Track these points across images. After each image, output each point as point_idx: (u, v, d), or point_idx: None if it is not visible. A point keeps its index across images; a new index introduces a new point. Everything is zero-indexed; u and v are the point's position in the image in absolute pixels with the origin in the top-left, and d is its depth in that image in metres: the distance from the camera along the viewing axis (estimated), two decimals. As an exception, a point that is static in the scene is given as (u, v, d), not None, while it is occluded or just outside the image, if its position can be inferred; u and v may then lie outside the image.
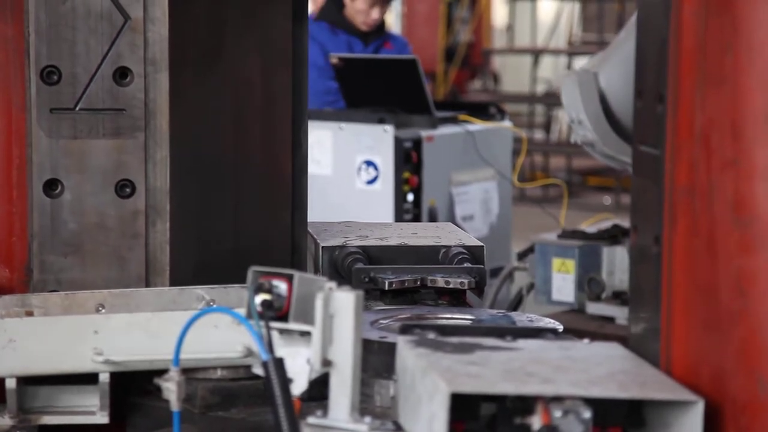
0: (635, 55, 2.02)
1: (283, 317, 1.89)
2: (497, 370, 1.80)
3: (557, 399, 1.71)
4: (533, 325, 2.35)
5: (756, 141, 1.69)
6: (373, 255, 2.70)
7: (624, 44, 4.46)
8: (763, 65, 1.68)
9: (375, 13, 7.23)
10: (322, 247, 2.70)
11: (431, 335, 1.97)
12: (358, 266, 2.64)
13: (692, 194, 1.79)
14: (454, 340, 1.95)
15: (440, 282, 2.61)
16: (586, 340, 2.02)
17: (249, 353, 2.11)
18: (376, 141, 6.20)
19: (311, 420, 1.90)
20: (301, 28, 2.80)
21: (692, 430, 1.72)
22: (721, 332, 1.73)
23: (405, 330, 2.01)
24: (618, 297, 4.89)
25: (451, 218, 6.32)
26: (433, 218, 6.23)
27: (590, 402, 1.71)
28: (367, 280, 2.60)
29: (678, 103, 1.82)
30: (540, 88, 17.12)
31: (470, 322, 2.41)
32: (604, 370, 1.84)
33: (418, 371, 1.82)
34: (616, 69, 4.51)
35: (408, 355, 1.89)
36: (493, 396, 1.77)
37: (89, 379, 2.16)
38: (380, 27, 7.46)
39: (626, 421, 1.78)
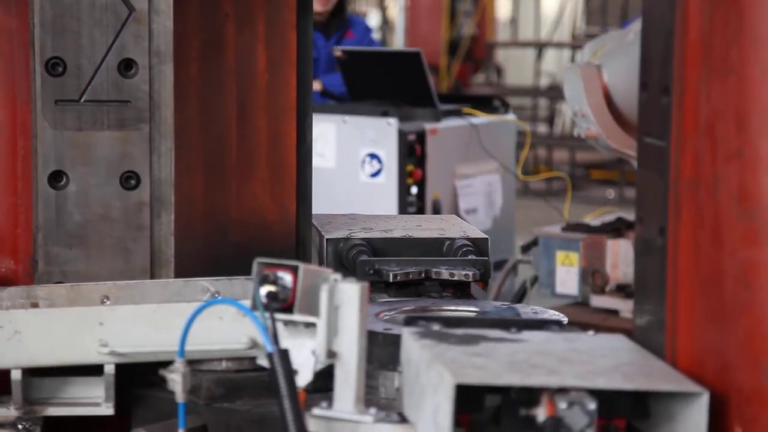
0: (640, 47, 2.01)
1: (288, 309, 1.89)
2: (502, 362, 1.80)
3: (562, 390, 1.71)
4: (538, 317, 2.35)
5: (761, 132, 1.69)
6: (378, 247, 2.70)
7: (634, 42, 4.45)
8: (769, 57, 1.68)
9: None
10: (327, 239, 2.70)
11: (436, 327, 1.97)
12: (362, 258, 2.64)
13: (697, 186, 1.79)
14: (459, 331, 1.95)
15: (445, 274, 2.61)
16: (591, 332, 2.02)
17: (254, 345, 2.11)
18: (380, 134, 6.20)
19: (316, 411, 1.90)
20: (306, 19, 2.80)
21: (697, 421, 1.72)
22: (726, 323, 1.73)
23: (410, 322, 2.01)
24: (622, 290, 4.89)
25: (455, 211, 6.32)
26: (436, 211, 6.23)
27: (595, 393, 1.71)
28: (371, 272, 2.61)
29: (683, 94, 1.82)
30: (543, 82, 17.11)
31: (475, 314, 2.41)
32: (609, 361, 1.84)
33: (423, 363, 1.82)
34: (622, 64, 4.50)
35: (413, 346, 1.89)
36: (498, 388, 1.77)
37: (94, 370, 2.16)
38: (339, 14, 7.28)
39: (631, 413, 1.78)
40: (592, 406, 1.69)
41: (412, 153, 6.19)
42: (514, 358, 1.83)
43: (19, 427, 2.16)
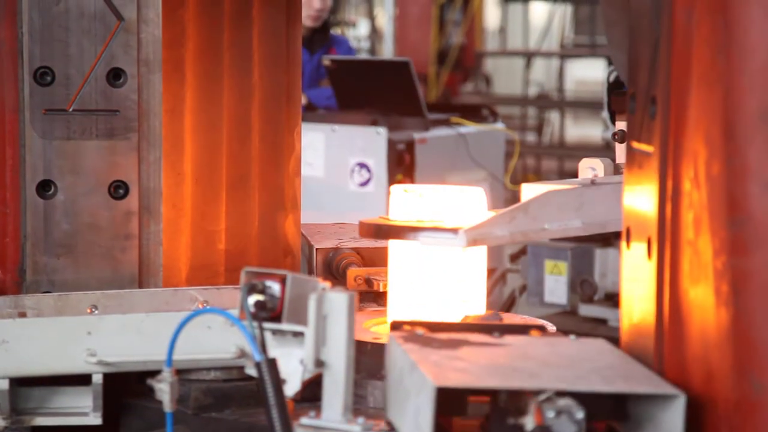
0: (628, 56, 2.02)
1: (277, 318, 1.89)
2: (484, 366, 1.82)
3: (550, 399, 1.71)
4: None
5: (749, 141, 1.69)
6: (367, 256, 2.69)
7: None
8: (756, 65, 1.69)
9: (316, 3, 7.11)
10: (316, 248, 2.70)
11: (420, 331, 1.98)
12: (352, 268, 2.63)
13: (685, 194, 1.79)
14: (443, 336, 1.96)
15: None
16: (572, 337, 2.04)
17: (242, 354, 2.11)
18: (369, 143, 6.20)
19: (304, 421, 1.90)
20: (295, 29, 2.80)
21: (674, 423, 1.74)
22: (714, 332, 1.73)
23: (395, 327, 2.02)
24: (610, 299, 4.90)
25: (444, 220, 6.31)
26: (425, 221, 6.22)
27: (576, 396, 1.72)
28: (361, 281, 2.60)
29: (670, 103, 1.83)
30: (532, 91, 17.12)
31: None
32: (589, 365, 1.85)
33: (407, 366, 1.84)
34: None
35: (397, 350, 1.91)
36: (486, 395, 1.78)
37: (82, 380, 2.16)
38: (323, 31, 7.33)
39: (611, 415, 1.79)
40: (580, 414, 1.69)
41: (401, 162, 6.20)
42: (495, 362, 1.84)
43: (7, 436, 2.15)
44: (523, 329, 2.07)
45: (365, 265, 2.67)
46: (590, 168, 2.62)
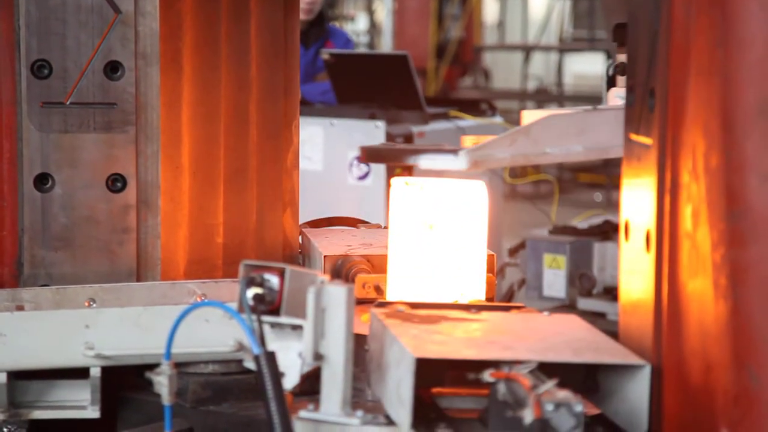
0: (627, 49, 2.02)
1: (275, 311, 1.89)
2: (461, 339, 1.91)
3: (549, 392, 1.72)
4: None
5: (747, 133, 1.69)
6: (377, 263, 2.63)
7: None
8: (754, 58, 1.69)
9: None
10: (325, 255, 2.64)
11: (401, 308, 2.07)
12: (361, 275, 2.58)
13: (684, 187, 1.79)
14: (423, 312, 2.06)
15: None
16: (546, 312, 2.14)
17: (240, 347, 2.11)
18: (368, 136, 6.19)
19: (303, 414, 1.90)
20: (292, 22, 2.80)
21: (640, 393, 1.82)
22: (712, 325, 1.73)
23: (379, 305, 2.11)
24: (609, 292, 4.90)
25: (443, 214, 6.31)
26: (424, 214, 6.22)
27: (547, 367, 1.78)
28: (370, 288, 2.56)
29: (669, 96, 1.82)
30: (531, 85, 17.12)
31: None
32: (561, 338, 1.94)
33: (388, 340, 1.90)
34: None
35: (379, 325, 1.98)
36: (486, 388, 1.79)
37: (80, 373, 2.16)
38: (319, 24, 7.29)
39: (582, 387, 1.86)
40: (578, 408, 1.70)
41: (400, 156, 6.19)
42: (472, 335, 1.94)
43: (5, 430, 2.15)
44: (499, 306, 2.18)
45: (375, 273, 2.61)
46: (619, 98, 2.58)
